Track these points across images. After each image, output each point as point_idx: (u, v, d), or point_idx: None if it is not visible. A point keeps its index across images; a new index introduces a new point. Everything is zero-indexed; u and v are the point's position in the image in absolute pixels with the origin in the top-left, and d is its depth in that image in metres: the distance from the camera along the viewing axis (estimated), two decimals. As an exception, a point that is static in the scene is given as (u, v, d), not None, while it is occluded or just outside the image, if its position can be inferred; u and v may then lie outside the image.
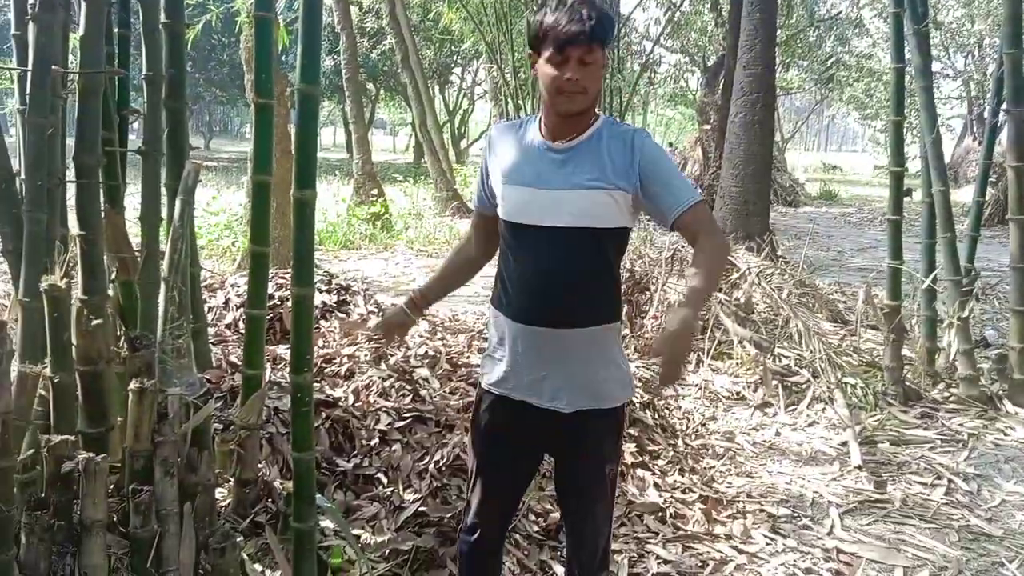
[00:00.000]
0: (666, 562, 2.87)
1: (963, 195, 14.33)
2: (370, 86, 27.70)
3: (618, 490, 3.22)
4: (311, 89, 2.01)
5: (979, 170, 5.33)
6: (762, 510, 3.38)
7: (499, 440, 2.06)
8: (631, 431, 3.82)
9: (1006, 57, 4.44)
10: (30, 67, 2.02)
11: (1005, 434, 4.35)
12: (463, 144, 29.89)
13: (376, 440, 3.04)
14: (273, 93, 2.45)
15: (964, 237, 5.13)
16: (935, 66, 27.15)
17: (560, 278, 1.87)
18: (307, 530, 2.07)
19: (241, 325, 4.15)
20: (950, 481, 3.75)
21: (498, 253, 2.04)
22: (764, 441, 4.20)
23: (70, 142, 2.24)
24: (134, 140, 2.88)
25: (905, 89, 4.93)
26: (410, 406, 3.27)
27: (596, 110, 1.92)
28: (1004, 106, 4.50)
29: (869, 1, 20.58)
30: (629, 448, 3.59)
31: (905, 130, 6.32)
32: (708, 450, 4.01)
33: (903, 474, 3.82)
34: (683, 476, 3.57)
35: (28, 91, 2.03)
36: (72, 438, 1.91)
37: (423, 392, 3.41)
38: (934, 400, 4.74)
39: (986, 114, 5.26)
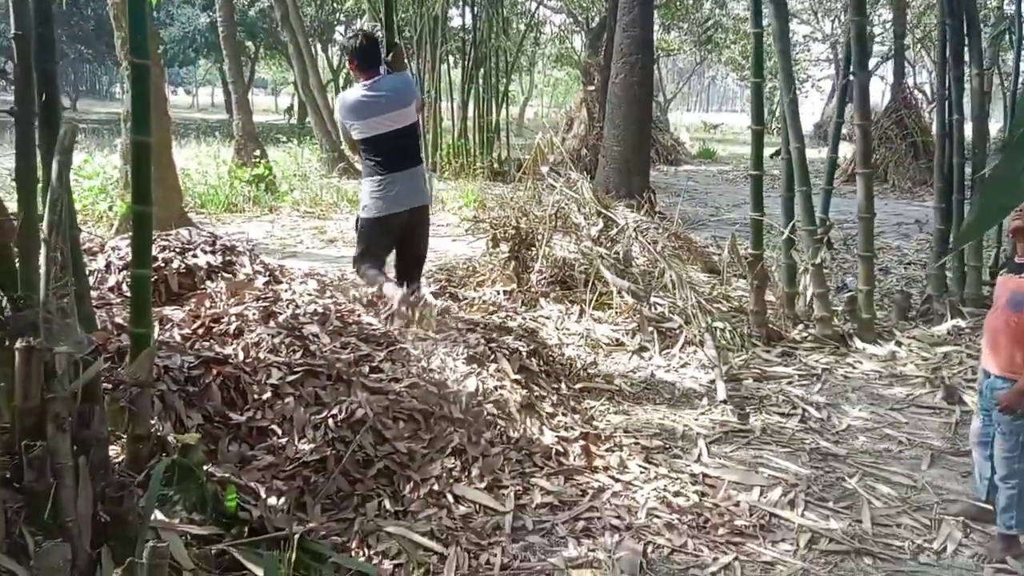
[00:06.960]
0: (549, 492, 3.10)
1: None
2: (249, 44, 26.67)
3: (500, 431, 3.43)
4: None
5: (832, 129, 5.76)
6: (637, 443, 3.66)
7: (391, 233, 4.54)
8: (519, 377, 4.02)
9: (851, 24, 4.82)
10: None
11: (854, 367, 4.82)
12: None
13: (268, 394, 3.10)
14: (149, 53, 2.45)
15: (820, 191, 5.56)
16: (805, 29, 28.47)
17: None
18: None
19: (125, 288, 4.10)
20: (804, 410, 4.15)
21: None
22: (641, 382, 4.50)
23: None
24: (2, 101, 2.81)
25: (764, 52, 5.26)
26: (301, 361, 3.32)
27: None
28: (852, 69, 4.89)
29: (743, -35, 21.31)
30: (520, 392, 3.78)
31: (768, 91, 6.71)
32: (590, 392, 4.27)
33: (764, 406, 4.20)
34: (566, 416, 3.81)
35: None
36: (-42, 398, 1.93)
37: (313, 347, 3.46)
38: (793, 340, 5.18)
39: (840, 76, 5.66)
